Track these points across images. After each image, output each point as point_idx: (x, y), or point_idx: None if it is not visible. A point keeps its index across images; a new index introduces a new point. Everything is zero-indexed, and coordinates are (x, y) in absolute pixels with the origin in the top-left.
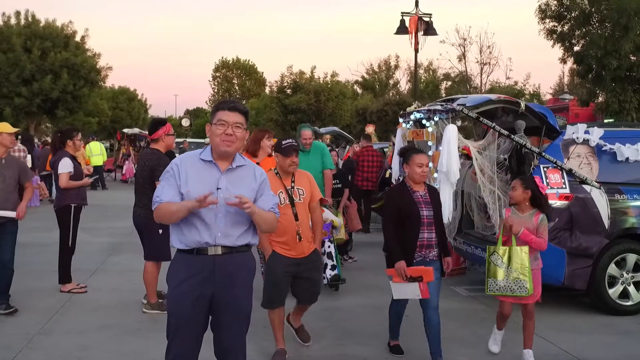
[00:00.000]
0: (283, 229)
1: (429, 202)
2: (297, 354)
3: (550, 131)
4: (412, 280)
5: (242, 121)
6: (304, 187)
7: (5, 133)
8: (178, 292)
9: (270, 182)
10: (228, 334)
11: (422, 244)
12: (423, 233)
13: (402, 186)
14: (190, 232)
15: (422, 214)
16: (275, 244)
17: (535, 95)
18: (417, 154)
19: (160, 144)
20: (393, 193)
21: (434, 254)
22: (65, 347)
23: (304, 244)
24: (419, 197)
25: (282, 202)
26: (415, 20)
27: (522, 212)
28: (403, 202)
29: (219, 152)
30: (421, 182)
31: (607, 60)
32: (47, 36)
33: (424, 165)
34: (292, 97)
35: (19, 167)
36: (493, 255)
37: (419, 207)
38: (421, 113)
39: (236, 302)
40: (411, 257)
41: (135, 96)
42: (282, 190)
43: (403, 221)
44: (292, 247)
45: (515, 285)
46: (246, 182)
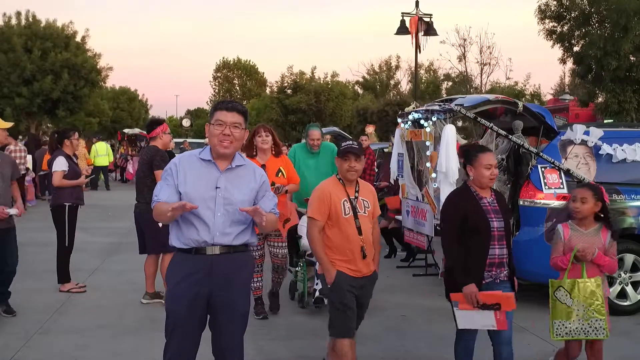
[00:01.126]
0: (344, 244)
1: (498, 210)
2: (295, 354)
3: (548, 131)
4: (485, 307)
5: (241, 121)
6: (368, 199)
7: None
8: (176, 292)
9: (332, 189)
10: (225, 334)
11: (492, 262)
12: (494, 248)
13: (466, 191)
14: (189, 231)
15: (492, 226)
16: (336, 261)
17: (535, 96)
18: (483, 153)
19: (158, 142)
20: (455, 199)
21: (505, 273)
22: (63, 346)
23: (368, 263)
24: (486, 204)
25: (345, 212)
26: (416, 21)
27: (586, 227)
28: (469, 211)
29: (217, 152)
30: (489, 186)
31: (607, 60)
32: (48, 36)
33: (492, 167)
34: (293, 98)
35: (12, 165)
36: (559, 292)
37: (489, 217)
38: (419, 113)
39: (233, 302)
40: (480, 279)
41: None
42: (346, 199)
43: (469, 234)
44: (356, 265)
45: (590, 327)
46: (245, 182)
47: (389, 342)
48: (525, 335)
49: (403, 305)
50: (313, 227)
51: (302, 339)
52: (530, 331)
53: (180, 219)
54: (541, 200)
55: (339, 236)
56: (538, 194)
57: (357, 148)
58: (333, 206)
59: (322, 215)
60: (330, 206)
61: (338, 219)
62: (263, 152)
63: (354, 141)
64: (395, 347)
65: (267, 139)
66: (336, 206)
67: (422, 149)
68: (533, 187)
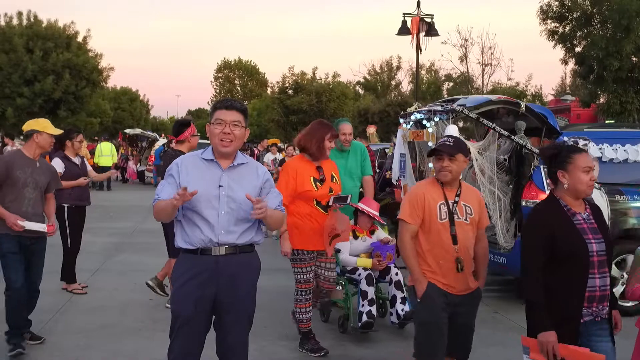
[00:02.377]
0: (435, 252)
1: (596, 229)
2: (298, 354)
3: (551, 132)
4: None
5: (241, 119)
6: (472, 205)
7: (46, 133)
8: (181, 293)
9: (427, 191)
10: (230, 335)
11: (592, 296)
12: (594, 278)
13: (554, 204)
14: (193, 231)
15: (590, 249)
16: (426, 272)
17: (537, 96)
18: (579, 154)
19: (185, 145)
20: (544, 213)
21: (607, 310)
22: (65, 346)
23: (466, 277)
24: (581, 221)
25: (441, 217)
26: (417, 21)
27: None
28: (560, 230)
29: (218, 151)
30: (588, 195)
31: (609, 61)
32: (49, 37)
33: (591, 170)
34: (294, 98)
35: (51, 174)
36: None
37: (586, 239)
38: (421, 113)
39: (239, 303)
40: (577, 317)
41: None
42: (443, 202)
43: (560, 261)
44: (448, 278)
45: None
46: (248, 180)
47: (388, 345)
48: None
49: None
50: (404, 231)
51: None
52: None
53: (184, 220)
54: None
55: (430, 243)
56: (540, 195)
57: (451, 145)
58: (427, 209)
59: (414, 218)
60: (425, 209)
61: (432, 224)
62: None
63: (449, 137)
64: (394, 349)
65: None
66: (431, 209)
67: (424, 150)
68: (535, 187)
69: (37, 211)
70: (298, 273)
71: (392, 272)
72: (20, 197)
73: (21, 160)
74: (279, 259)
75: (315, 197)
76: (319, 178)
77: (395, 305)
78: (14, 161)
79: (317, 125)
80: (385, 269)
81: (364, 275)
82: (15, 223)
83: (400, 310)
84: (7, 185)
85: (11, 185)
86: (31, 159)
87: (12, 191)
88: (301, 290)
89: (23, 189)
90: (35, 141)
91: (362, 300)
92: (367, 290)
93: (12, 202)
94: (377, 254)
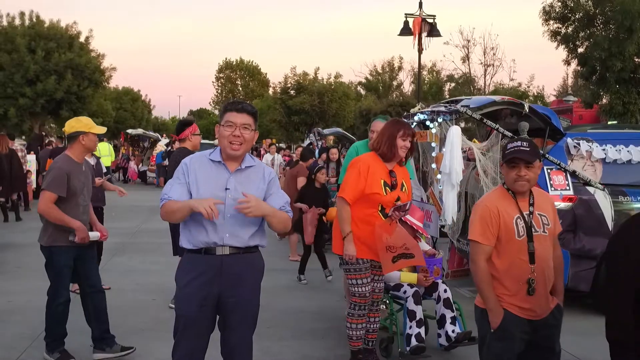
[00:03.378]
0: (513, 273)
1: None
2: (300, 354)
3: (554, 133)
4: None
5: (251, 122)
6: (547, 213)
7: (92, 133)
8: (186, 293)
9: (499, 203)
10: (235, 334)
11: None
12: None
13: None
14: (198, 232)
15: None
16: (503, 297)
17: (539, 97)
18: None
19: (188, 143)
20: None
21: None
22: (69, 347)
23: (547, 297)
24: None
25: (519, 234)
26: (419, 22)
27: None
28: None
29: (227, 153)
30: None
31: (611, 62)
32: (52, 37)
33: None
34: (296, 98)
35: (92, 176)
36: None
37: None
38: (425, 114)
39: (243, 303)
40: None
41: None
42: (519, 216)
43: None
44: (530, 302)
45: None
46: (254, 183)
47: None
48: None
49: None
50: (478, 254)
51: (308, 340)
52: None
53: (190, 221)
54: None
55: (507, 263)
56: None
57: (528, 151)
58: (504, 226)
59: (488, 237)
60: (500, 226)
61: (509, 242)
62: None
63: (523, 141)
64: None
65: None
66: (507, 226)
67: (428, 150)
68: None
69: (88, 218)
70: (353, 285)
71: (440, 288)
72: (76, 206)
73: (74, 166)
74: (281, 259)
75: (381, 202)
76: (390, 183)
77: (445, 326)
78: (71, 169)
79: (389, 124)
80: (431, 285)
81: (411, 292)
82: (87, 237)
83: (450, 331)
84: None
85: (69, 197)
86: (79, 163)
87: (70, 201)
88: (355, 305)
89: (78, 197)
90: (81, 143)
91: (409, 322)
92: (414, 309)
93: (68, 212)
94: (422, 268)
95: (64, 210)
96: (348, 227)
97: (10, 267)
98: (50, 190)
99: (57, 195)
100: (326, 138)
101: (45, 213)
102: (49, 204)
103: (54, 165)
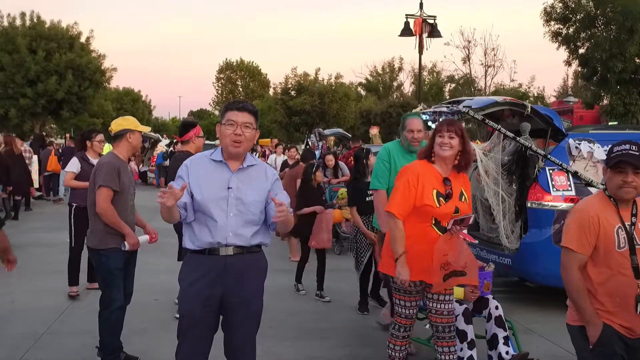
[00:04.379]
0: (612, 288)
1: None
2: (302, 355)
3: (556, 133)
4: None
5: (252, 121)
6: None
7: (138, 131)
8: (189, 293)
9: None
10: (238, 334)
11: None
12: None
13: None
14: (201, 232)
15: None
16: (600, 313)
17: (539, 98)
18: None
19: (191, 146)
20: None
21: None
22: (71, 347)
23: None
24: None
25: (620, 245)
26: (420, 23)
27: None
28: None
29: (228, 152)
30: None
31: (612, 62)
32: (52, 37)
33: None
34: (297, 99)
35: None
36: None
37: None
38: (427, 115)
39: (246, 303)
40: None
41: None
42: (620, 226)
43: None
44: (628, 319)
45: None
46: (257, 182)
47: None
48: (533, 338)
49: None
50: (572, 262)
51: (310, 341)
52: (538, 333)
53: (195, 222)
54: (549, 202)
55: (605, 276)
56: (546, 196)
57: (638, 155)
58: (603, 235)
59: (584, 246)
60: (599, 235)
61: (608, 254)
62: (443, 161)
63: (632, 144)
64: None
65: (450, 141)
66: (607, 235)
67: None
68: (541, 189)
69: (134, 218)
70: (399, 305)
71: (491, 305)
72: (125, 205)
73: (122, 163)
74: (282, 260)
75: (435, 215)
76: (445, 193)
77: (498, 347)
78: (120, 165)
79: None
80: (481, 301)
81: (460, 310)
82: (137, 243)
83: (504, 353)
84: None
85: (120, 193)
86: (125, 161)
87: (120, 199)
88: (399, 325)
89: (127, 195)
90: (128, 141)
91: (459, 343)
92: (465, 329)
93: (119, 212)
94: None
95: (115, 208)
96: (401, 248)
97: None
98: (107, 185)
99: (113, 192)
100: (327, 138)
101: (104, 212)
102: (108, 202)
103: (102, 161)
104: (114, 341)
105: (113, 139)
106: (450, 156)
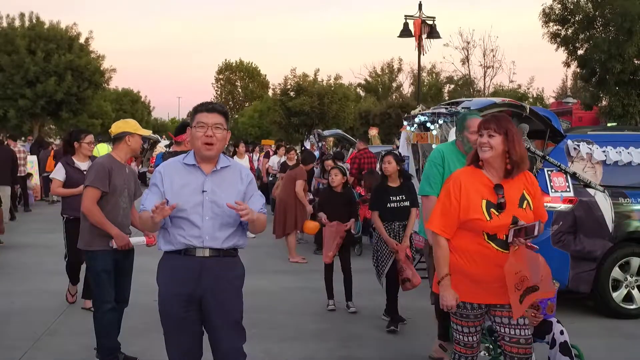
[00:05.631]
0: None
1: None
2: (302, 356)
3: (555, 134)
4: None
5: (222, 122)
6: None
7: (138, 135)
8: (167, 294)
9: None
10: (223, 341)
11: None
12: None
13: None
14: (177, 234)
15: None
16: None
17: (538, 99)
18: None
19: (183, 148)
20: None
21: None
22: (70, 347)
23: None
24: None
25: None
26: (419, 24)
27: None
28: None
29: (200, 155)
30: None
31: (611, 63)
32: (52, 38)
33: None
34: (296, 100)
35: (136, 179)
36: None
37: None
38: (426, 116)
39: (223, 306)
40: None
41: (139, 98)
42: None
43: None
44: None
45: None
46: (232, 184)
47: (393, 346)
48: None
49: (406, 308)
50: None
51: (310, 341)
52: None
53: (169, 225)
54: (548, 203)
55: None
56: (544, 197)
57: None
58: None
59: None
60: None
61: None
62: (490, 165)
63: None
64: (399, 350)
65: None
66: None
67: (428, 152)
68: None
69: (129, 222)
70: (457, 332)
71: (555, 329)
72: (116, 207)
73: (116, 165)
74: (282, 261)
75: (486, 229)
76: (496, 202)
77: None
78: (113, 167)
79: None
80: (544, 325)
81: None
82: (127, 244)
83: None
84: (106, 194)
85: (110, 194)
86: (123, 164)
87: (110, 200)
88: (459, 355)
89: (119, 198)
90: (127, 144)
91: None
92: None
93: (108, 212)
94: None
95: (104, 209)
96: (444, 269)
97: (12, 268)
98: (93, 185)
99: (100, 192)
100: (326, 139)
101: (88, 212)
102: (93, 202)
103: (95, 162)
104: (109, 342)
105: (113, 141)
106: (493, 158)
